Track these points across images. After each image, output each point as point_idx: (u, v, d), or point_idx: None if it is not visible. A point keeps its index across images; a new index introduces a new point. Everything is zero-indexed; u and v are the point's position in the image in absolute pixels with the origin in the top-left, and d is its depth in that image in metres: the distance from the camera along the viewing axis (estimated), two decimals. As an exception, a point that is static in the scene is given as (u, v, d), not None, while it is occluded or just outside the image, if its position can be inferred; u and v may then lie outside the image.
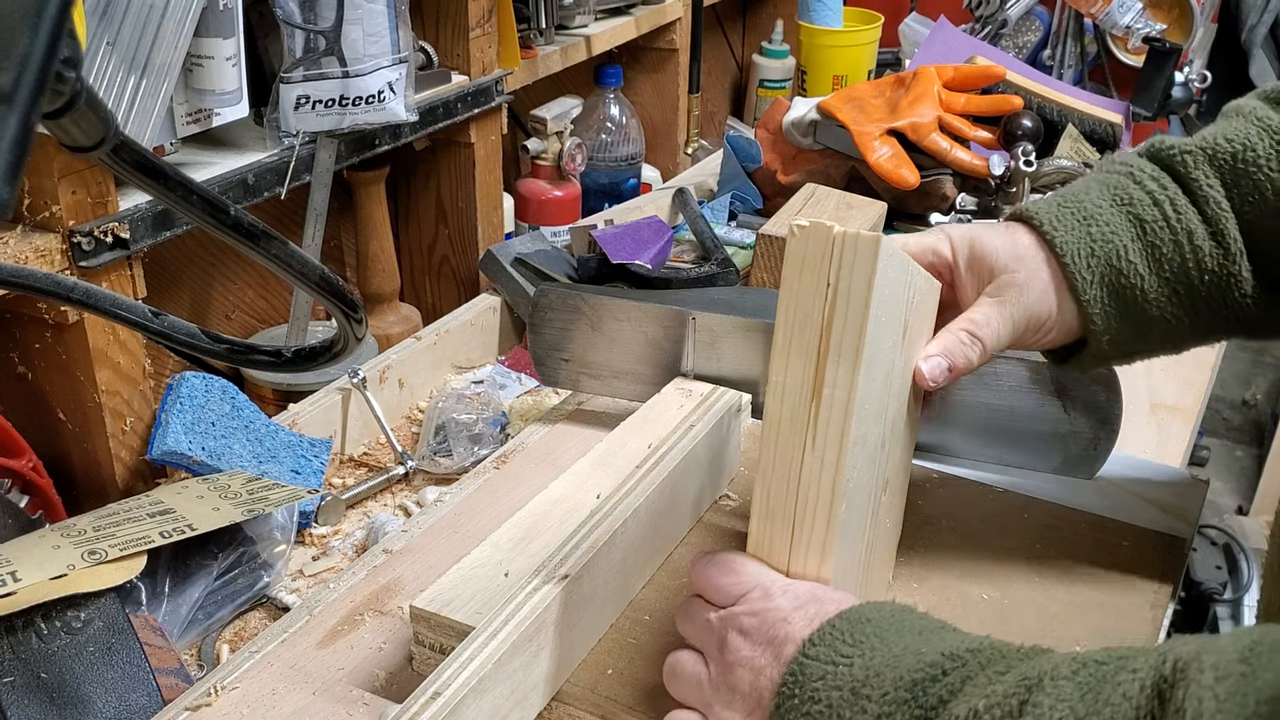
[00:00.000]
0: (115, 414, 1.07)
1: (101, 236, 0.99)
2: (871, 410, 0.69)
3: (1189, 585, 2.18)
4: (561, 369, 1.08)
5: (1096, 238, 0.76)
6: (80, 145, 0.60)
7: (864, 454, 0.70)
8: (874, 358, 0.67)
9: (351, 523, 1.11)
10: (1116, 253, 0.76)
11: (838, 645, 0.63)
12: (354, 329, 0.79)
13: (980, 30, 1.90)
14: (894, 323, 0.70)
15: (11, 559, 0.82)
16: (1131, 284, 0.76)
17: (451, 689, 0.67)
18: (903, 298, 0.71)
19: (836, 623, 0.64)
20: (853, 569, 0.73)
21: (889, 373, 0.71)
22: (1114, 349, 0.78)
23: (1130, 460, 1.00)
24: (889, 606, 0.66)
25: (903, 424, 0.77)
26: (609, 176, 1.76)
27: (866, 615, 0.64)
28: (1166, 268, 0.76)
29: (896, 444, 0.77)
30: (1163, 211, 0.76)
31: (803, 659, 0.63)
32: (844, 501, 0.67)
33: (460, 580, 0.79)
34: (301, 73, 1.13)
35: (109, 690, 0.81)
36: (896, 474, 0.79)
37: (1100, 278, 0.76)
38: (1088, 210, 0.77)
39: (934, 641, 0.62)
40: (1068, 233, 0.76)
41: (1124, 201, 0.77)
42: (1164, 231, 0.76)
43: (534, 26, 1.51)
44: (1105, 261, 0.76)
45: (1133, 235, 0.76)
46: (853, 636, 0.63)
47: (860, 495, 0.71)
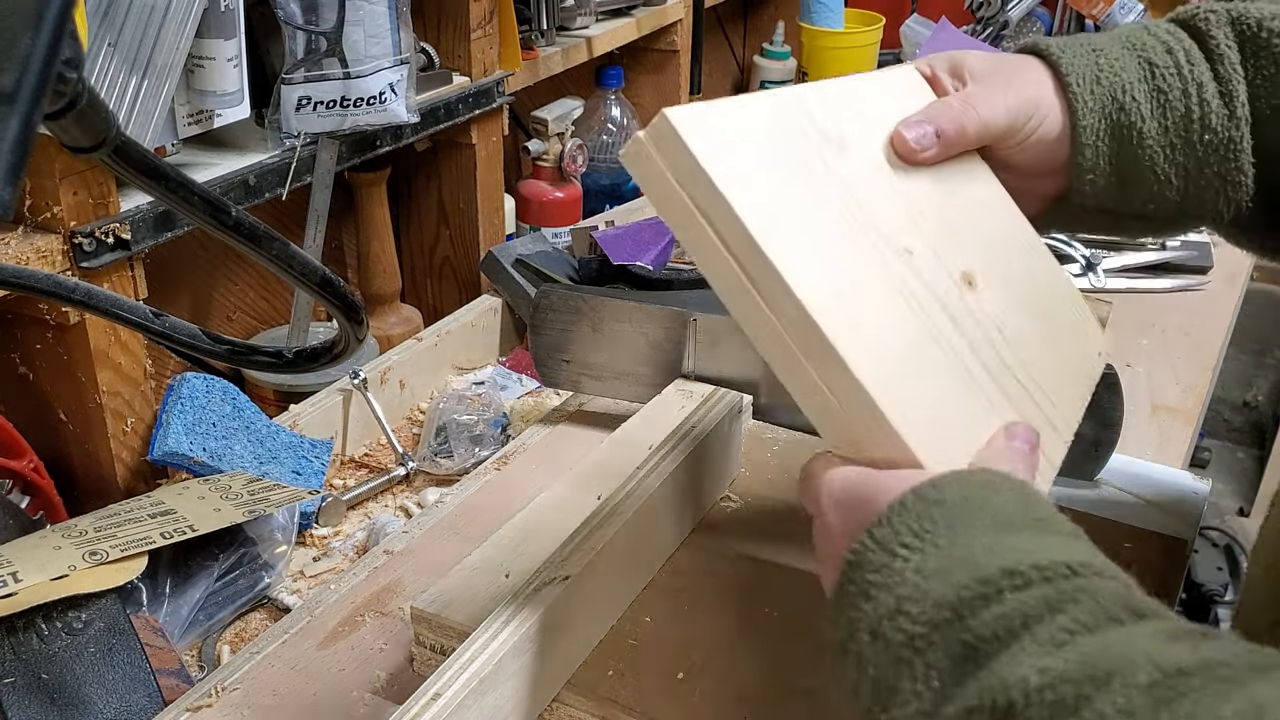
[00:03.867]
0: (116, 415, 1.07)
1: (103, 237, 0.99)
2: (823, 242, 0.60)
3: (1190, 587, 2.18)
4: (562, 370, 1.08)
5: (1104, 68, 0.72)
6: (81, 146, 0.60)
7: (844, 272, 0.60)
8: (775, 206, 0.58)
9: (352, 524, 1.11)
10: (1122, 87, 0.72)
11: (901, 532, 0.52)
12: (355, 330, 0.79)
13: (981, 32, 1.90)
14: (790, 162, 0.61)
15: (12, 559, 0.82)
16: (1131, 121, 0.72)
17: (452, 690, 0.67)
18: (796, 129, 0.63)
19: (908, 500, 0.53)
20: (953, 390, 0.62)
21: (830, 195, 0.62)
22: (1095, 195, 0.73)
23: (1131, 462, 1.00)
24: (975, 479, 0.54)
25: (946, 209, 0.69)
26: (610, 178, 1.76)
27: (941, 493, 0.53)
28: (1169, 115, 0.72)
29: (946, 234, 0.68)
30: (1175, 59, 0.72)
31: (864, 542, 0.54)
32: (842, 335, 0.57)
33: (461, 581, 0.79)
34: (303, 74, 1.13)
35: (110, 691, 0.81)
36: (982, 260, 0.69)
37: (1101, 108, 0.72)
38: (1098, 45, 0.73)
39: (1011, 542, 0.50)
40: (1074, 58, 0.72)
41: (1136, 46, 0.73)
42: (1173, 78, 0.72)
43: (535, 27, 1.51)
44: (1109, 93, 0.72)
45: (1140, 75, 0.72)
46: (919, 522, 0.52)
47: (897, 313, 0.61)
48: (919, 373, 0.61)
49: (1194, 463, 2.23)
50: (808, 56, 2.05)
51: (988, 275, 0.68)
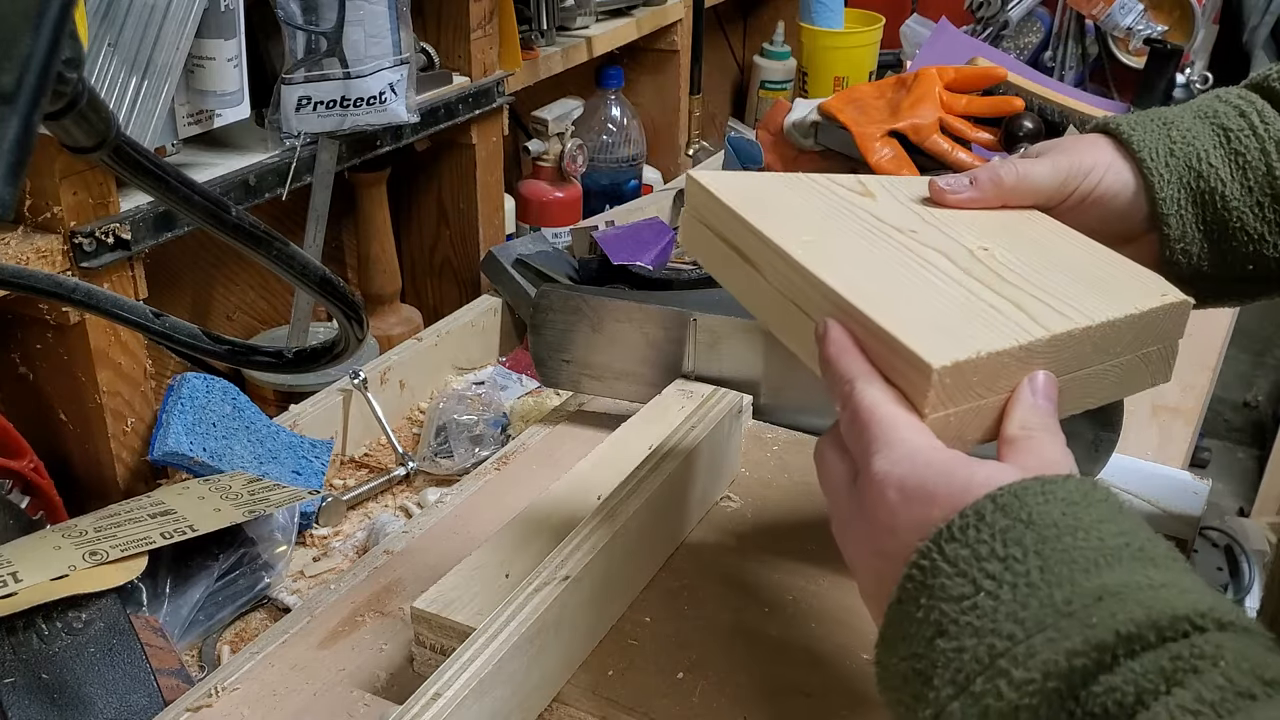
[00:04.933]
0: (116, 415, 1.07)
1: (103, 237, 0.99)
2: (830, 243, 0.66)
3: (1190, 587, 2.18)
4: (562, 370, 1.08)
5: (1176, 140, 0.72)
6: (82, 146, 0.60)
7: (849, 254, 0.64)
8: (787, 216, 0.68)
9: (352, 524, 1.11)
10: (1197, 155, 0.72)
11: (983, 555, 0.47)
12: (355, 330, 0.79)
13: (981, 31, 1.90)
14: (800, 192, 0.71)
15: (12, 560, 0.82)
16: (1211, 187, 0.71)
17: (452, 690, 0.67)
18: (815, 184, 0.73)
19: (986, 512, 0.48)
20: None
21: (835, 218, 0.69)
22: (1191, 265, 0.72)
23: (1131, 462, 1.00)
24: (1061, 493, 0.49)
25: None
26: (610, 178, 1.76)
27: (1027, 509, 0.48)
28: (1250, 175, 0.71)
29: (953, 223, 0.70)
30: (1248, 121, 0.72)
31: (934, 559, 0.48)
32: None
33: (461, 581, 0.79)
34: (303, 74, 1.13)
35: (110, 691, 0.81)
36: (994, 239, 0.68)
37: (1178, 178, 0.71)
38: (1168, 118, 0.73)
39: (1115, 582, 0.45)
40: (1145, 133, 0.72)
41: (1208, 114, 0.73)
42: (1249, 139, 0.72)
43: (535, 28, 1.51)
44: (1185, 163, 0.72)
45: (1215, 141, 0.72)
46: (1004, 546, 0.47)
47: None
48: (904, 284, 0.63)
49: (1194, 463, 2.23)
50: (808, 56, 2.05)
51: (1004, 246, 0.68)
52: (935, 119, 1.50)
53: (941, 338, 0.56)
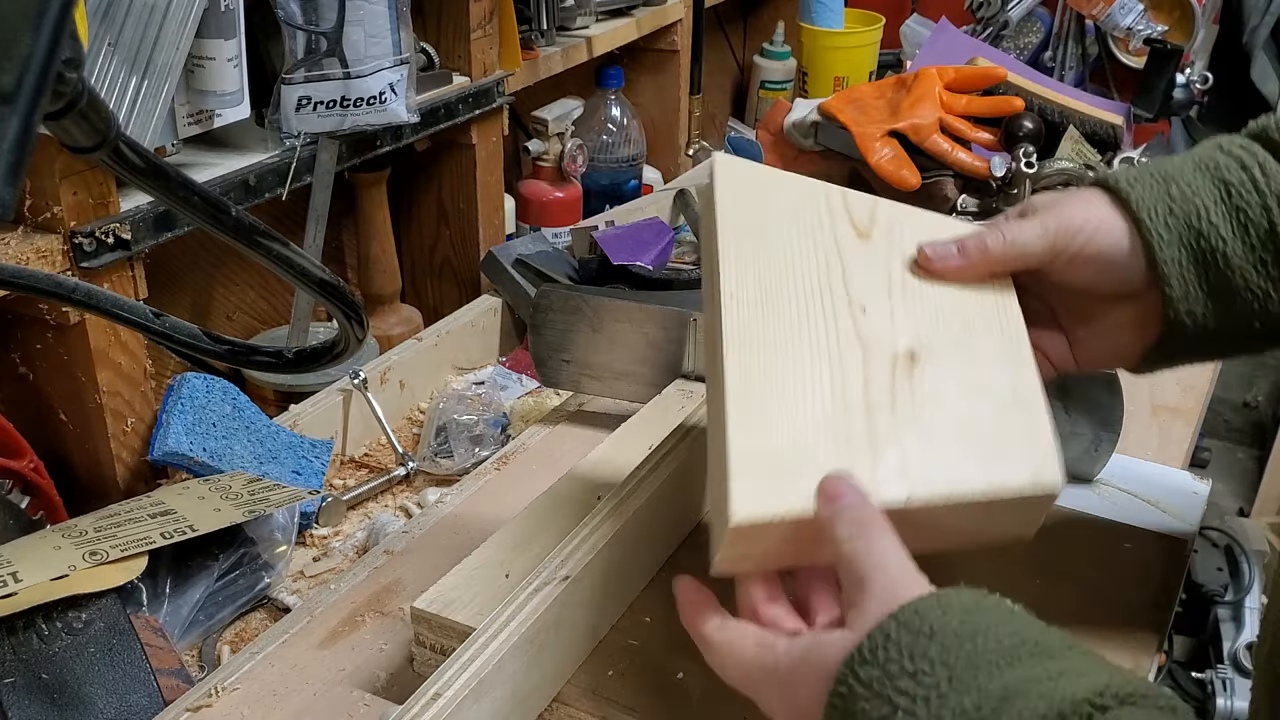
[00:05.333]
0: (116, 415, 1.07)
1: (103, 237, 0.99)
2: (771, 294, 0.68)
3: (1190, 587, 2.18)
4: (562, 370, 1.08)
5: (1175, 197, 0.69)
6: (81, 146, 0.60)
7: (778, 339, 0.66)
8: (742, 247, 0.69)
9: (352, 524, 1.11)
10: (1197, 213, 0.69)
11: (894, 675, 0.50)
12: (355, 330, 0.79)
13: (981, 32, 1.90)
14: (797, 216, 0.72)
15: (12, 560, 0.82)
16: (1213, 246, 0.69)
17: (452, 690, 0.67)
18: (797, 211, 0.73)
19: (893, 631, 0.51)
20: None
21: (803, 257, 0.70)
22: (1193, 327, 0.70)
23: (1131, 462, 1.00)
24: (955, 603, 0.53)
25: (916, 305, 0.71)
26: (610, 178, 1.76)
27: (929, 621, 0.51)
28: (1253, 232, 0.69)
29: (911, 312, 0.70)
30: (1250, 175, 0.70)
31: (850, 684, 0.51)
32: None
33: (461, 581, 0.79)
34: (303, 74, 1.13)
35: (110, 691, 0.81)
36: (934, 339, 0.69)
37: (1179, 238, 0.69)
38: (1167, 173, 0.71)
39: (1017, 680, 0.49)
40: (1144, 189, 0.70)
41: (1208, 167, 0.71)
42: (1250, 194, 0.69)
43: (535, 28, 1.51)
44: (1184, 221, 0.69)
45: (1216, 197, 0.69)
46: (913, 661, 0.50)
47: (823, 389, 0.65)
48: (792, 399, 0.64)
49: (1194, 463, 2.23)
50: (808, 56, 2.05)
51: (934, 361, 0.68)
52: (935, 119, 1.50)
53: (766, 483, 0.60)
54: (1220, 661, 2.09)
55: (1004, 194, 1.46)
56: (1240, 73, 2.68)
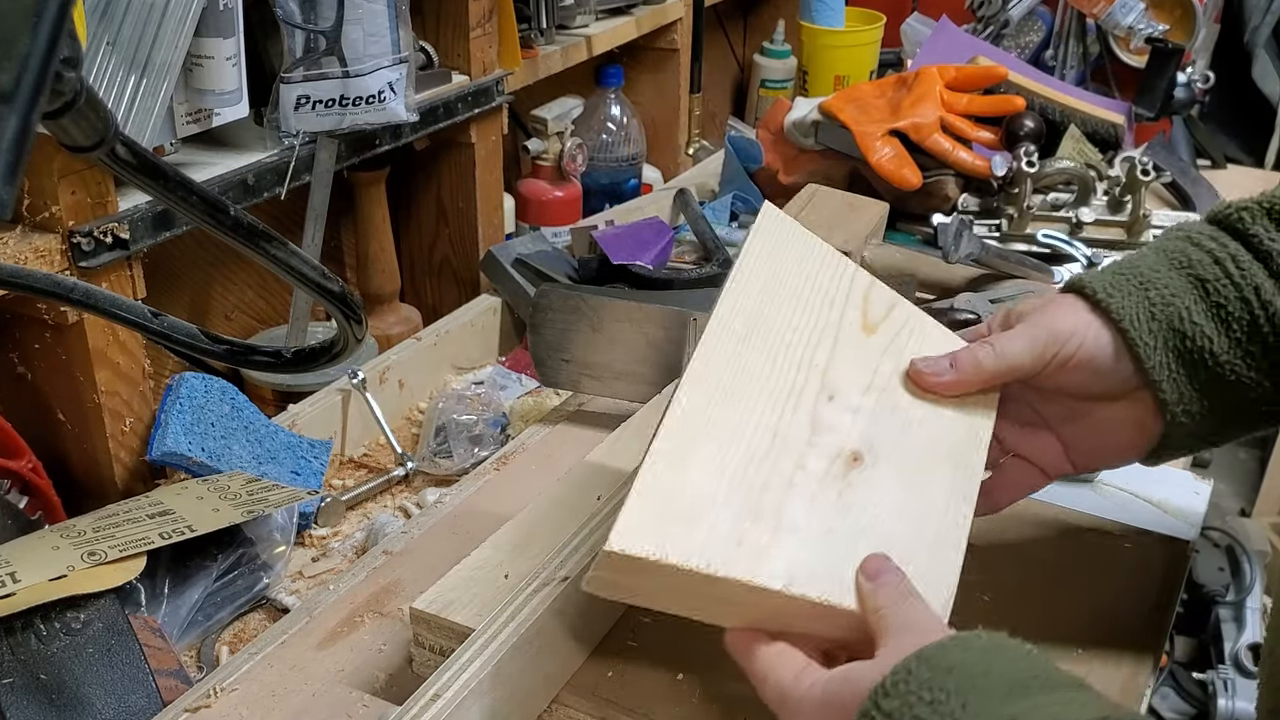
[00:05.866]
0: (115, 415, 1.06)
1: (101, 237, 0.99)
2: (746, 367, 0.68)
3: (1191, 587, 2.18)
4: (562, 370, 1.07)
5: (1156, 301, 0.70)
6: (80, 145, 0.60)
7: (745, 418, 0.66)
8: (743, 306, 0.70)
9: (351, 524, 1.10)
10: (1179, 315, 0.70)
11: (914, 704, 0.54)
12: (354, 330, 0.78)
13: (982, 30, 1.90)
14: (813, 295, 0.73)
15: (11, 560, 0.82)
16: (1199, 346, 0.69)
17: (451, 691, 0.67)
18: (818, 278, 0.73)
19: (913, 666, 0.55)
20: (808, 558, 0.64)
21: (790, 338, 0.71)
22: (1193, 423, 0.71)
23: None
24: (976, 643, 0.57)
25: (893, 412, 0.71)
26: (610, 177, 1.75)
27: (948, 659, 0.55)
28: (1236, 327, 0.70)
29: (874, 422, 0.70)
30: (1224, 269, 0.70)
31: (874, 714, 0.55)
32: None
33: (460, 582, 0.78)
34: (301, 73, 1.13)
35: (108, 692, 0.81)
36: (888, 447, 0.69)
37: (1164, 343, 0.70)
38: (1144, 276, 0.72)
39: (1026, 708, 0.53)
40: (1124, 298, 0.71)
41: (1182, 264, 0.72)
42: (1228, 289, 0.70)
43: (535, 26, 1.50)
44: (1168, 325, 0.70)
45: (1195, 297, 0.70)
46: (931, 692, 0.54)
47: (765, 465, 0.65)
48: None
49: (1195, 463, 2.23)
50: (808, 55, 2.05)
51: (876, 472, 0.68)
52: (936, 118, 1.50)
53: (656, 523, 0.60)
54: (1221, 662, 2.09)
55: (1005, 193, 1.46)
56: (1242, 72, 2.68)
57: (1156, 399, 0.71)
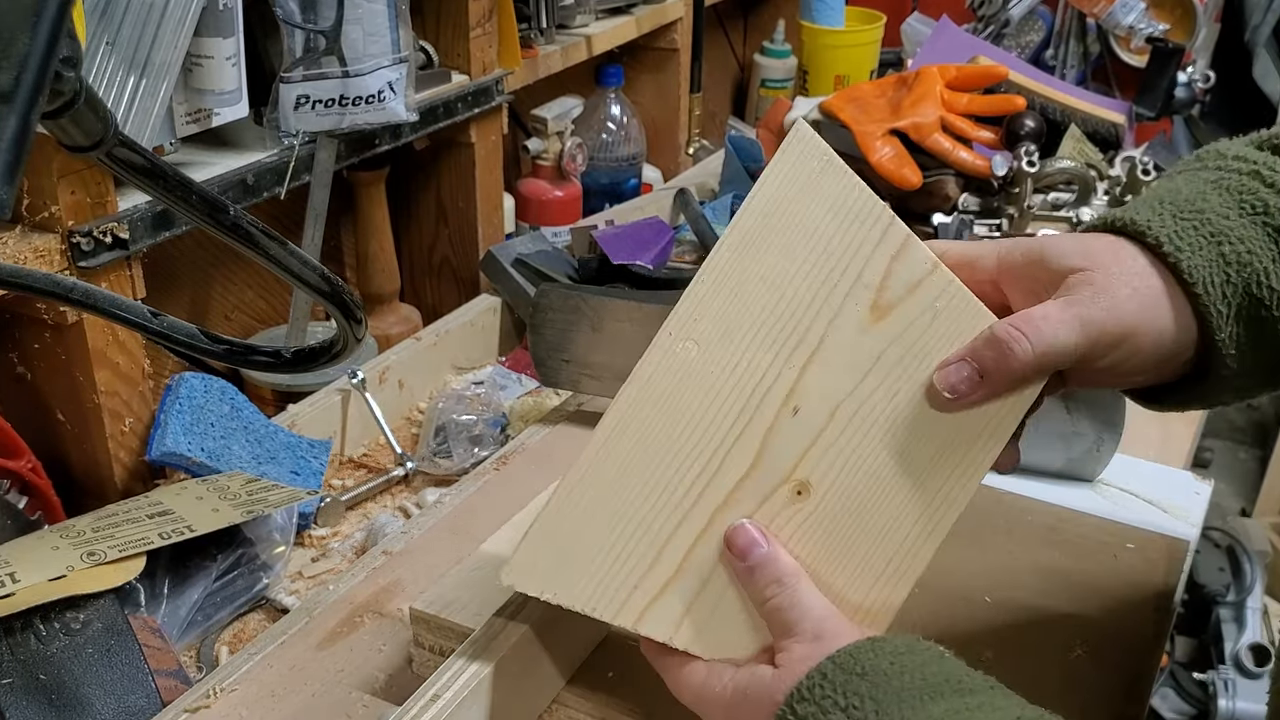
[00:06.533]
0: (114, 415, 1.06)
1: (101, 237, 0.99)
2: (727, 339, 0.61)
3: (1192, 588, 2.18)
4: (562, 370, 1.07)
5: (1231, 260, 0.59)
6: (79, 145, 0.60)
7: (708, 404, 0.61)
8: (743, 268, 0.61)
9: (351, 524, 1.10)
10: (1257, 279, 0.59)
11: (828, 710, 0.54)
12: (353, 330, 0.78)
13: (983, 30, 1.90)
14: (802, 247, 0.62)
15: (10, 560, 0.82)
16: (1274, 315, 0.59)
17: (451, 691, 0.67)
18: (834, 240, 0.62)
19: (828, 670, 0.55)
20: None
21: (788, 314, 0.61)
22: (1239, 392, 0.62)
23: (1133, 462, 0.99)
24: (888, 647, 0.56)
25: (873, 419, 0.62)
26: (610, 176, 1.75)
27: (860, 663, 0.55)
28: None
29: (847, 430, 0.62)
30: None
31: (789, 718, 0.55)
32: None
33: (460, 582, 0.78)
34: (301, 72, 1.13)
35: (108, 692, 0.80)
36: (831, 474, 0.62)
37: (1236, 311, 0.59)
38: (1215, 225, 0.59)
39: (939, 712, 0.52)
40: (1194, 253, 0.59)
41: (1258, 209, 0.60)
42: None
43: (534, 26, 1.50)
44: (1243, 289, 0.59)
45: (1274, 255, 0.59)
46: (844, 697, 0.54)
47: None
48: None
49: (1196, 463, 2.23)
50: (808, 55, 2.05)
51: (817, 514, 0.62)
52: (936, 118, 1.50)
53: (547, 563, 0.61)
54: (1222, 662, 2.09)
55: (1005, 192, 1.46)
56: (1242, 71, 2.68)
57: (1216, 378, 0.61)
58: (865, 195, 0.63)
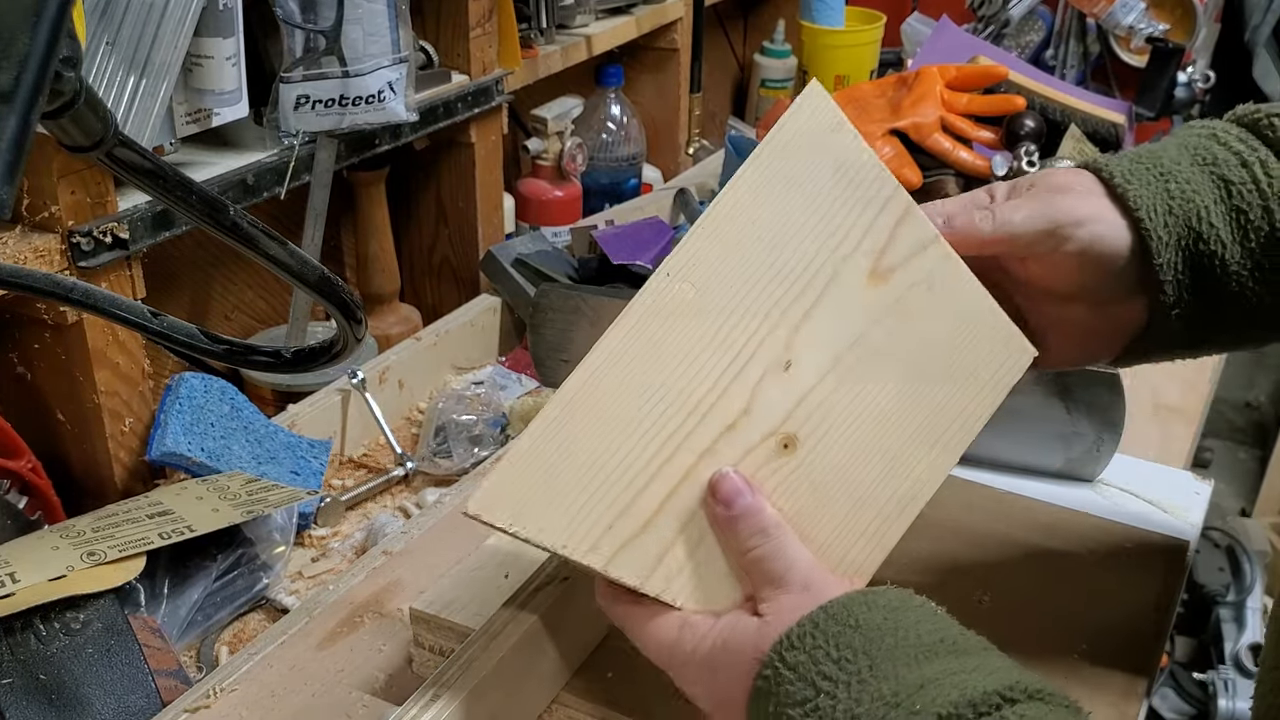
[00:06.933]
0: (114, 415, 1.06)
1: (101, 237, 0.99)
2: (725, 292, 0.60)
3: (1192, 588, 2.18)
4: (562, 370, 1.07)
5: (1175, 195, 0.65)
6: (79, 145, 0.60)
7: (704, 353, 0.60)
8: (738, 215, 0.61)
9: (351, 524, 1.10)
10: (1197, 214, 0.65)
11: (819, 660, 0.53)
12: (353, 330, 0.78)
13: (983, 30, 1.90)
14: (801, 204, 0.62)
15: (10, 560, 0.82)
16: (1211, 250, 0.65)
17: (451, 691, 0.67)
18: (834, 204, 0.62)
19: (821, 621, 0.54)
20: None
21: (790, 270, 0.62)
22: (1183, 328, 0.67)
23: (1133, 462, 0.99)
24: (881, 601, 0.56)
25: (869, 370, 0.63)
26: (610, 176, 1.75)
27: (855, 614, 0.54)
28: (1253, 237, 0.65)
29: (836, 383, 0.63)
30: (1252, 174, 0.66)
31: (776, 666, 0.54)
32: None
33: (460, 582, 0.78)
34: (301, 72, 1.13)
35: (108, 692, 0.80)
36: (821, 427, 0.62)
37: (1176, 240, 0.65)
38: (1165, 166, 0.66)
39: (934, 672, 0.52)
40: (1142, 186, 0.65)
41: (1207, 161, 0.67)
42: (1252, 195, 0.65)
43: (534, 26, 1.50)
44: (1184, 222, 0.65)
45: (1216, 197, 0.66)
46: (837, 649, 0.53)
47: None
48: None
49: (1196, 463, 2.23)
50: (808, 55, 2.05)
51: (810, 447, 0.62)
52: (936, 118, 1.50)
53: (522, 493, 0.57)
54: (1222, 662, 2.09)
55: (1005, 193, 1.46)
56: (1242, 71, 2.68)
57: (1153, 301, 0.67)
58: (871, 160, 0.64)
